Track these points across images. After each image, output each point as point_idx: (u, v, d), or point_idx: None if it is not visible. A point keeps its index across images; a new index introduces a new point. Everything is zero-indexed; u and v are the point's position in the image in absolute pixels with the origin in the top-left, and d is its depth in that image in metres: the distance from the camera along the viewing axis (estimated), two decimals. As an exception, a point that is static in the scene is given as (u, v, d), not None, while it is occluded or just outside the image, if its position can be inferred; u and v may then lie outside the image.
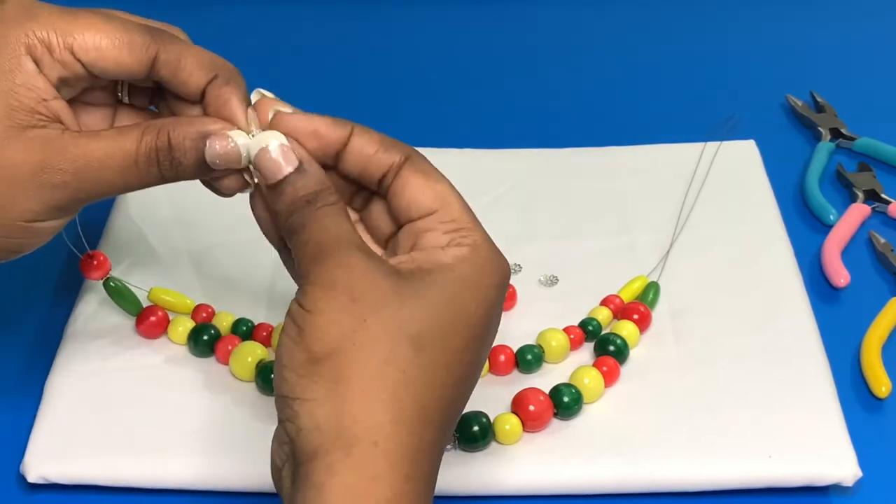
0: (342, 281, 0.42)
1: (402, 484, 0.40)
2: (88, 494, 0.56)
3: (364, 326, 0.41)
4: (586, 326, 0.63)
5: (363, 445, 0.40)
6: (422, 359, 0.41)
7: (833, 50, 0.90)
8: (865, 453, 0.57)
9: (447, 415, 0.43)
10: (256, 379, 0.59)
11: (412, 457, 0.41)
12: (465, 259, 0.44)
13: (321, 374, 0.41)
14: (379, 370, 0.41)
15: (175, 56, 0.47)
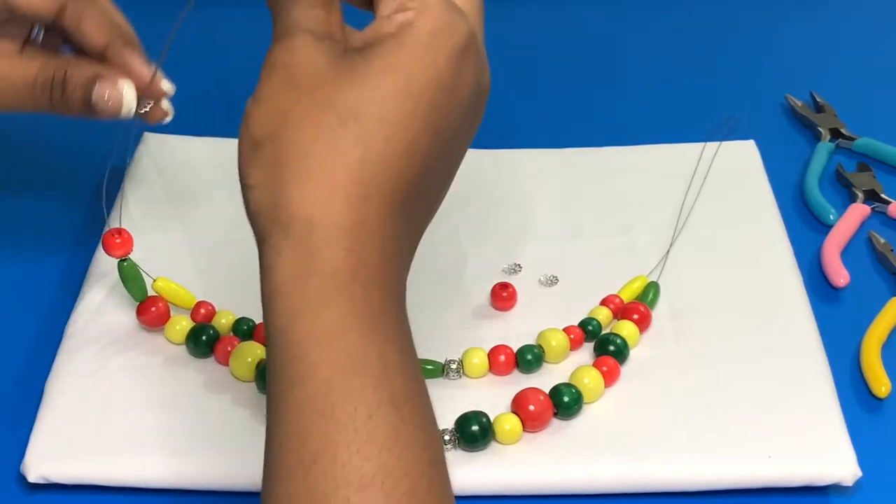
0: (282, 63, 0.42)
1: (342, 257, 0.40)
2: (88, 494, 0.56)
3: (297, 106, 0.41)
4: (586, 326, 0.63)
5: (298, 223, 0.40)
6: (352, 132, 0.41)
7: (833, 50, 0.90)
8: (865, 453, 0.57)
9: (394, 190, 0.41)
10: (257, 379, 0.59)
11: (351, 230, 0.40)
12: (410, 25, 0.42)
13: (260, 158, 0.42)
14: (309, 148, 0.41)
15: (79, 9, 0.52)
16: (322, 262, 0.40)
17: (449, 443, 0.56)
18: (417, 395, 0.41)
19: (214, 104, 0.83)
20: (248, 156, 0.43)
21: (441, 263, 0.68)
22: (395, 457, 0.39)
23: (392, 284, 0.42)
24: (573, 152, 0.77)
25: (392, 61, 0.42)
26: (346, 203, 0.40)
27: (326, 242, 0.40)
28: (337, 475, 0.38)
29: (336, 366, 0.39)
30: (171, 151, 0.75)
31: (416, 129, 0.42)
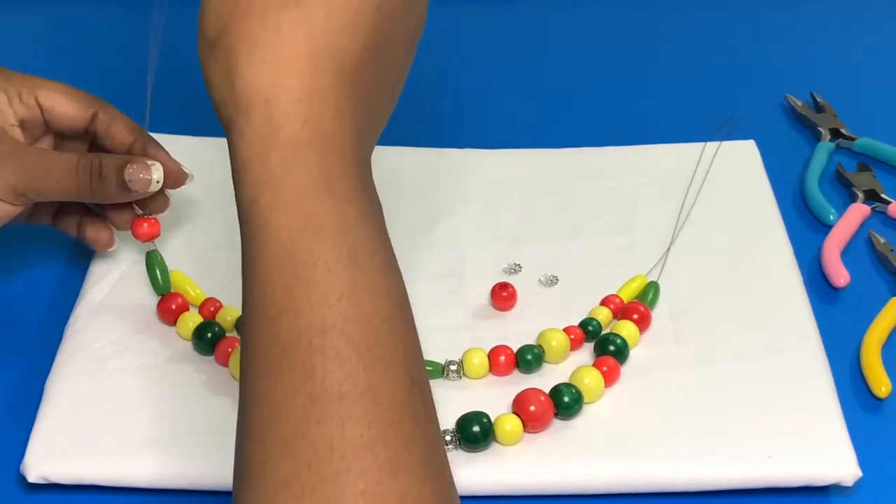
0: None
1: (299, 128, 0.44)
2: (88, 494, 0.56)
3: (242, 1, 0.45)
4: (586, 326, 0.63)
5: (257, 104, 0.44)
6: (294, 14, 0.44)
7: (833, 50, 0.90)
8: (865, 453, 0.57)
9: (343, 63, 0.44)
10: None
11: (306, 101, 0.44)
12: None
13: (216, 55, 0.45)
14: (257, 35, 0.44)
15: (109, 116, 0.62)
16: (281, 134, 0.43)
17: (450, 443, 0.56)
18: (377, 250, 0.44)
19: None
20: (206, 56, 0.46)
21: (441, 263, 0.68)
22: (353, 304, 0.42)
23: (351, 152, 0.45)
24: (573, 152, 0.77)
25: None
26: (298, 78, 0.44)
27: (284, 116, 0.43)
28: (300, 323, 0.42)
29: (296, 228, 0.43)
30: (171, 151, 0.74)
31: (354, 7, 0.45)
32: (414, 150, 0.77)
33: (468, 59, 0.89)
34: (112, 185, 0.60)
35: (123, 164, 0.60)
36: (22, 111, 0.62)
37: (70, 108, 0.62)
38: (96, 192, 0.60)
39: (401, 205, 0.72)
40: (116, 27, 0.89)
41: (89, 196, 0.60)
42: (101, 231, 0.64)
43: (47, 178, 0.59)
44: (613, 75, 0.87)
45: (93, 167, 0.59)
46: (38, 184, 0.59)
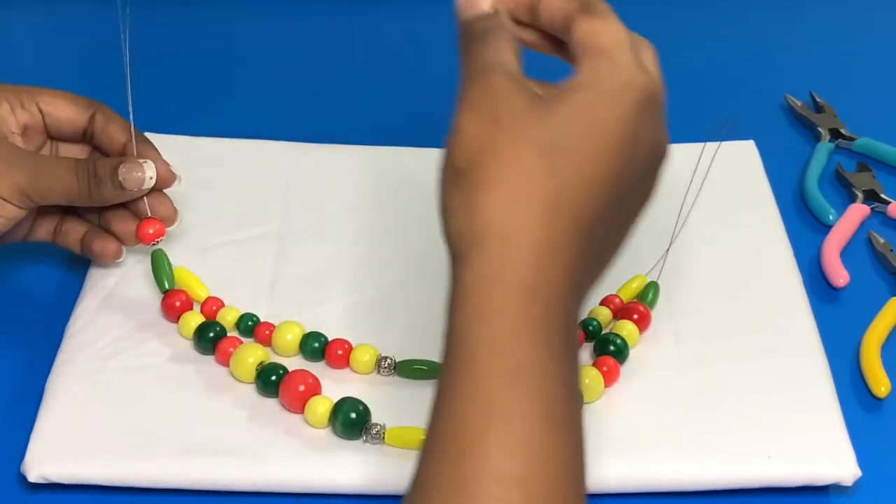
0: (483, 101, 0.47)
1: (530, 273, 0.43)
2: (89, 494, 0.56)
3: (498, 139, 0.45)
4: (587, 326, 0.63)
5: (494, 240, 0.44)
6: (548, 163, 0.44)
7: (833, 50, 0.90)
8: (865, 453, 0.57)
9: (580, 219, 0.45)
10: (257, 381, 0.59)
11: (542, 250, 0.44)
12: (601, 78, 0.47)
13: (461, 185, 0.45)
14: (508, 175, 0.44)
15: (105, 117, 0.65)
16: (510, 274, 0.43)
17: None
18: (572, 413, 0.43)
19: (214, 104, 0.83)
20: (449, 184, 0.46)
21: (441, 263, 0.68)
22: (541, 463, 0.41)
23: (569, 306, 0.44)
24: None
25: (585, 105, 0.46)
26: (540, 223, 0.44)
27: (518, 257, 0.43)
28: (485, 467, 0.41)
29: (502, 371, 0.42)
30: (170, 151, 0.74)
31: (602, 167, 0.45)
32: (414, 150, 0.77)
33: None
34: (107, 185, 0.62)
35: (117, 165, 0.62)
36: (24, 118, 0.63)
37: (70, 111, 0.64)
38: (94, 194, 0.62)
39: (401, 205, 0.72)
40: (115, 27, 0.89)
41: (88, 199, 0.62)
42: (108, 243, 0.65)
43: (51, 180, 0.61)
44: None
45: (89, 169, 0.62)
46: (42, 185, 0.60)
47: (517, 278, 0.43)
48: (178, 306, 0.63)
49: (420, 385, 0.60)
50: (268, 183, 0.74)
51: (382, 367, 0.61)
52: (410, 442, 0.57)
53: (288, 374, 0.59)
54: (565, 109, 0.46)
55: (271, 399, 0.59)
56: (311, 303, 0.65)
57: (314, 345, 0.61)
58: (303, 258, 0.68)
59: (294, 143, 0.77)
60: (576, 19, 0.49)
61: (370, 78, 0.87)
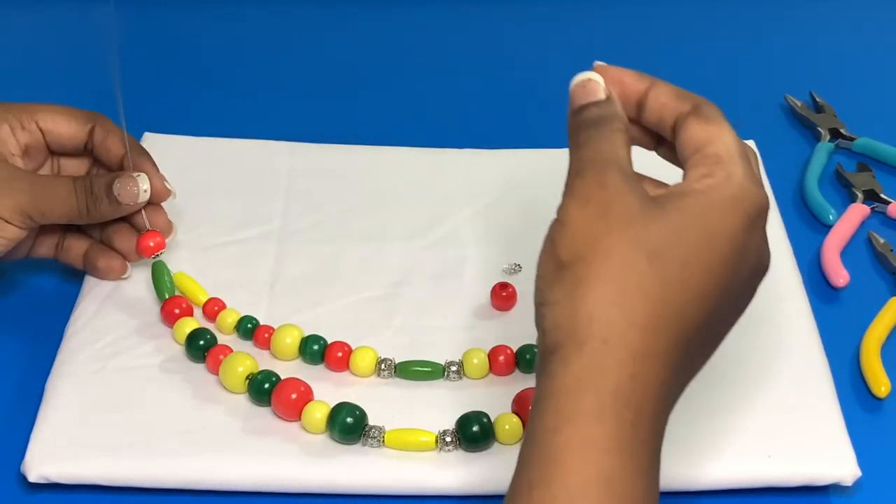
0: (596, 196, 0.46)
1: (626, 381, 0.43)
2: (89, 494, 0.56)
3: (608, 238, 0.45)
4: None
5: (594, 342, 0.43)
6: (657, 270, 0.44)
7: (833, 50, 0.90)
8: (865, 453, 0.57)
9: (682, 331, 0.44)
10: (249, 391, 0.59)
11: (640, 358, 0.43)
12: (715, 187, 0.46)
13: (564, 278, 0.45)
14: (615, 276, 0.44)
15: (104, 130, 0.65)
16: (606, 379, 0.43)
17: (450, 444, 0.56)
18: None
19: (214, 104, 0.83)
20: (551, 275, 0.46)
21: (441, 263, 0.68)
22: None
23: (659, 419, 0.44)
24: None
25: (698, 213, 0.45)
26: (642, 332, 0.43)
27: (615, 363, 0.43)
28: None
29: (586, 479, 0.42)
30: (171, 151, 0.74)
31: (709, 280, 0.45)
32: (414, 150, 0.77)
33: (468, 59, 0.89)
34: (104, 202, 0.62)
35: (112, 181, 0.63)
36: (25, 138, 0.64)
37: (69, 127, 0.65)
38: (92, 211, 0.62)
39: (401, 205, 0.72)
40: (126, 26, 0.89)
41: (87, 216, 0.63)
42: (112, 259, 0.65)
43: (51, 200, 0.61)
44: (613, 75, 0.87)
45: (86, 187, 0.62)
46: (42, 205, 0.61)
47: (612, 385, 0.43)
48: (177, 313, 0.63)
49: (420, 386, 0.60)
50: (268, 183, 0.74)
51: (382, 370, 0.61)
52: (410, 444, 0.57)
53: (279, 383, 0.58)
54: (677, 216, 0.45)
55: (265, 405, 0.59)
56: (310, 303, 0.65)
57: (314, 348, 0.61)
58: (303, 258, 0.68)
59: (294, 143, 0.77)
60: (687, 121, 0.49)
61: (370, 78, 0.87)
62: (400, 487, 0.56)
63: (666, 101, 0.50)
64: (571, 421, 0.43)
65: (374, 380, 0.61)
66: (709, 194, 0.46)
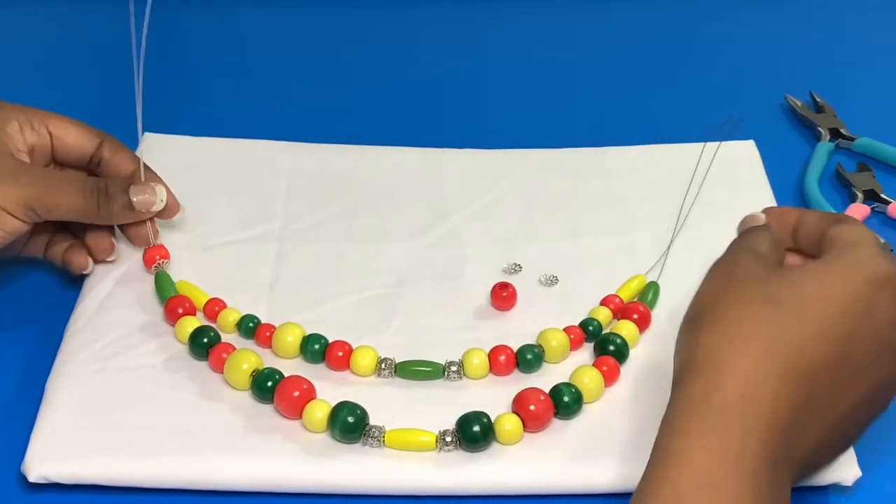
0: (726, 267, 0.54)
1: (735, 399, 0.47)
2: (89, 494, 0.56)
3: (729, 290, 0.51)
4: (587, 327, 0.63)
5: (706, 365, 0.49)
6: (771, 310, 0.49)
7: (833, 50, 0.90)
8: (865, 453, 0.57)
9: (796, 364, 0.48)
10: (252, 388, 0.59)
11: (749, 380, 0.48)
12: (840, 255, 0.52)
13: (691, 329, 0.51)
14: (731, 316, 0.50)
15: (114, 146, 0.66)
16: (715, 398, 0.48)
17: (450, 443, 0.56)
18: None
19: (214, 104, 0.83)
20: (683, 331, 0.52)
21: (441, 263, 0.68)
22: None
23: (772, 442, 0.47)
24: (573, 152, 0.77)
25: (816, 272, 0.51)
26: (751, 358, 0.48)
27: (725, 384, 0.48)
28: None
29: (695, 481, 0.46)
30: (171, 151, 0.75)
31: (828, 323, 0.49)
32: (414, 150, 0.77)
33: (468, 60, 0.89)
34: (118, 204, 0.63)
35: (128, 186, 0.63)
36: (33, 139, 0.64)
37: (79, 137, 0.65)
38: (102, 211, 0.63)
39: (401, 205, 0.73)
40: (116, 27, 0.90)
41: (95, 216, 0.63)
42: (81, 256, 0.65)
43: (58, 195, 0.61)
44: (613, 75, 0.87)
45: (99, 188, 0.62)
46: (49, 200, 0.61)
47: (719, 403, 0.47)
48: (181, 313, 0.63)
49: (420, 386, 0.61)
50: (268, 183, 0.74)
51: (382, 369, 0.61)
52: (410, 444, 0.57)
53: (282, 380, 0.59)
54: (799, 274, 0.51)
55: (269, 400, 0.59)
56: (311, 303, 0.65)
57: (315, 347, 0.61)
58: (303, 258, 0.68)
59: (294, 143, 0.77)
60: (829, 229, 0.55)
61: (370, 78, 0.87)
62: (399, 488, 0.56)
63: (812, 223, 0.56)
64: (683, 433, 0.47)
65: (374, 379, 0.61)
66: (833, 262, 0.52)
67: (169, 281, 0.65)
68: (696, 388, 0.48)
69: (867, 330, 0.50)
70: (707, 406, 0.47)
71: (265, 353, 0.62)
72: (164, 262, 0.66)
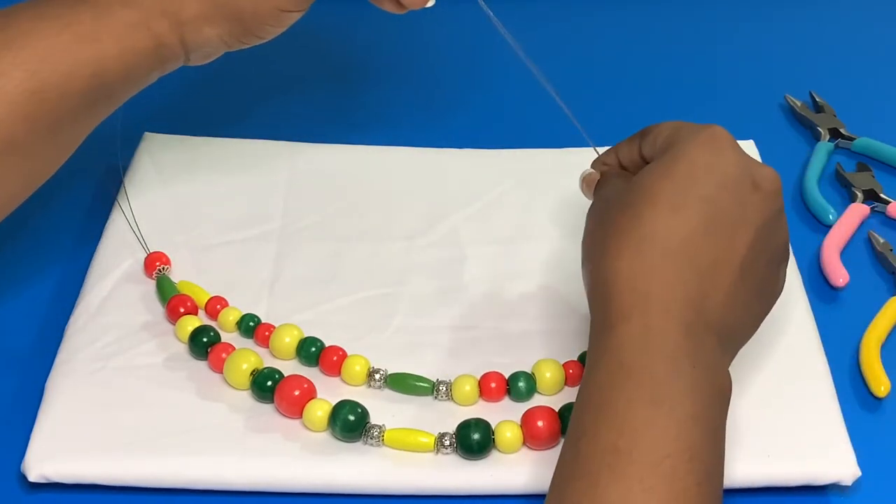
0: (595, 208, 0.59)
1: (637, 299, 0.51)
2: (89, 494, 0.56)
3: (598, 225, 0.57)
4: None
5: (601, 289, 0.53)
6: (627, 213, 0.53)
7: (832, 50, 0.90)
8: (864, 453, 0.57)
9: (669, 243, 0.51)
10: (252, 387, 0.59)
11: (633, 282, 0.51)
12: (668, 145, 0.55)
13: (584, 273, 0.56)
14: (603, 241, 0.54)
15: None
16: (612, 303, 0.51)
17: (448, 447, 0.56)
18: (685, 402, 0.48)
19: (214, 104, 0.83)
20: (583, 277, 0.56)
21: (441, 263, 0.68)
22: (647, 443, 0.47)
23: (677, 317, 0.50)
24: (573, 152, 0.77)
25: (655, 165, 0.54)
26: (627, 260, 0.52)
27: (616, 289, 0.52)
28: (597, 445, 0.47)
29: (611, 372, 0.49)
30: (171, 151, 0.75)
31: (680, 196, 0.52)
32: (414, 150, 0.77)
33: (468, 59, 0.89)
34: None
35: None
36: None
37: None
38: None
39: (401, 205, 0.73)
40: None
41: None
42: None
43: None
44: (613, 75, 0.87)
45: None
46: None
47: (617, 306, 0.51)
48: (183, 312, 0.63)
49: (409, 400, 0.60)
50: (268, 183, 0.74)
51: (374, 380, 0.61)
52: (409, 444, 0.57)
53: (282, 379, 0.59)
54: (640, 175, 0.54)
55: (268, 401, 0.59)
56: (310, 303, 0.65)
57: (310, 350, 0.61)
58: (303, 258, 0.68)
59: (294, 143, 0.77)
60: (642, 147, 0.58)
61: (370, 78, 0.87)
62: (396, 488, 0.56)
63: (625, 151, 0.60)
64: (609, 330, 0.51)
65: (364, 390, 0.60)
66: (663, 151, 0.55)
67: (170, 284, 0.65)
68: (597, 308, 0.52)
69: (718, 185, 0.52)
70: (609, 316, 0.51)
71: (263, 354, 0.62)
72: (165, 268, 0.66)
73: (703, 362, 0.49)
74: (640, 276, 0.51)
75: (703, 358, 0.50)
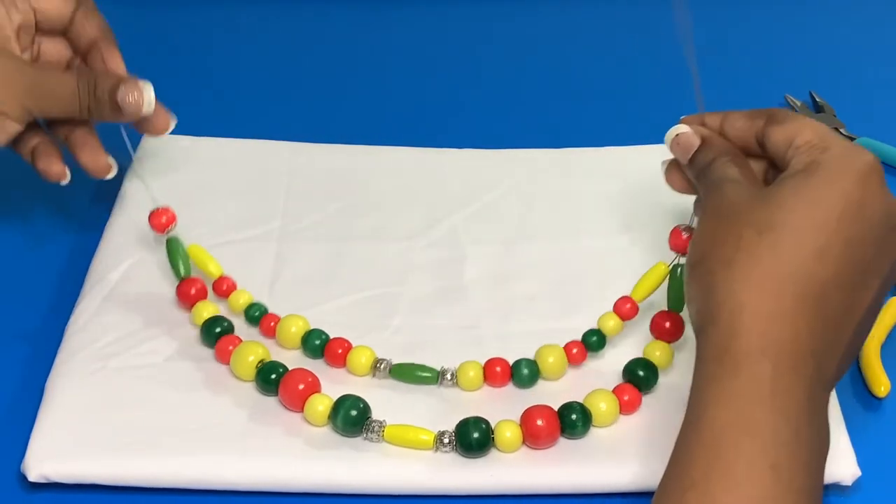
0: (713, 206, 0.52)
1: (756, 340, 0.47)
2: (89, 493, 0.56)
3: (719, 230, 0.50)
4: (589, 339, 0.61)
5: (724, 313, 0.48)
6: (768, 241, 0.49)
7: (832, 50, 0.90)
8: (864, 453, 0.57)
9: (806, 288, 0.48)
10: (256, 379, 0.59)
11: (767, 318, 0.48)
12: (815, 161, 0.50)
13: (694, 276, 0.51)
14: (732, 256, 0.49)
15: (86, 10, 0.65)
16: (738, 342, 0.48)
17: (447, 445, 0.56)
18: (801, 473, 0.46)
19: (214, 104, 0.83)
20: (687, 278, 0.52)
21: (441, 263, 0.68)
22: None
23: (804, 373, 0.48)
24: (573, 152, 0.77)
25: (801, 186, 0.50)
26: (763, 296, 0.48)
27: (744, 327, 0.48)
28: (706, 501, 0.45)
29: (731, 423, 0.46)
30: (171, 151, 0.75)
31: (826, 237, 0.48)
32: (414, 150, 0.77)
33: (468, 59, 0.89)
34: (105, 106, 0.62)
35: (116, 86, 0.62)
36: (18, 18, 0.64)
37: (58, 5, 0.65)
38: (94, 111, 0.62)
39: (401, 205, 0.73)
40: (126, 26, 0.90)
41: (87, 115, 0.63)
42: (52, 164, 0.64)
43: (53, 97, 0.62)
44: (613, 75, 0.87)
45: (89, 87, 0.62)
46: (44, 102, 0.62)
47: (743, 347, 0.47)
48: (193, 294, 0.63)
49: (415, 390, 0.60)
50: (268, 183, 0.74)
51: (378, 370, 0.61)
52: (409, 440, 0.57)
53: (287, 372, 0.59)
54: (784, 193, 0.50)
55: (271, 398, 0.59)
56: (310, 302, 0.65)
57: (316, 341, 0.61)
58: (303, 258, 0.68)
59: (294, 143, 0.77)
60: (767, 133, 0.54)
61: (370, 78, 0.87)
62: (398, 483, 0.56)
63: (741, 125, 0.57)
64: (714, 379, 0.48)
65: (369, 380, 0.61)
66: (811, 169, 0.50)
67: (180, 246, 0.64)
68: (718, 336, 0.48)
69: (864, 229, 0.49)
70: (731, 352, 0.47)
71: (270, 345, 0.62)
72: (173, 226, 0.64)
73: (816, 423, 0.48)
74: (773, 320, 0.48)
75: (818, 419, 0.48)
